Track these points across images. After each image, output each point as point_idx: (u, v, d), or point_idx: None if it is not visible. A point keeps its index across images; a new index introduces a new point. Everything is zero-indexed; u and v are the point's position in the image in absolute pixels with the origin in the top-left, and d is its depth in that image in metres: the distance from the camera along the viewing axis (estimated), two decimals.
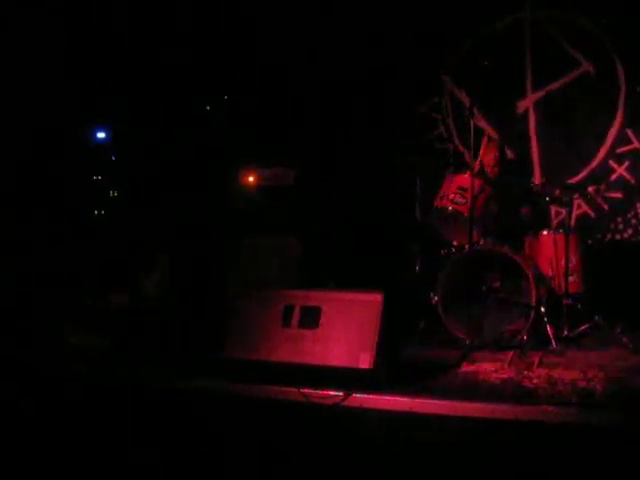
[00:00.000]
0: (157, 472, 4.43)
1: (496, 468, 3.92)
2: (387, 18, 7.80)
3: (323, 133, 7.94)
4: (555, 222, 7.19)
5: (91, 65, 7.80)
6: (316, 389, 4.30)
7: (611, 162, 7.23)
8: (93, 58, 7.74)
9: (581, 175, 7.28)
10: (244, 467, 4.35)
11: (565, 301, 5.79)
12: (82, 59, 7.74)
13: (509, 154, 6.84)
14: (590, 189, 6.99)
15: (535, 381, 4.64)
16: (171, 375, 4.86)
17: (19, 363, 5.22)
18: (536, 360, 5.18)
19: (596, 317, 5.70)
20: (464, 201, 5.84)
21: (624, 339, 5.55)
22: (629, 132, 7.16)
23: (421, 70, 7.78)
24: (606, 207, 7.26)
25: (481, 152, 6.63)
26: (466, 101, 7.58)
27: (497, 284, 5.80)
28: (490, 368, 5.03)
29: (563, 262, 5.85)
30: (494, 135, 7.40)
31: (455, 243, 6.32)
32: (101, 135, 8.26)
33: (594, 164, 7.28)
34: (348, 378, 4.32)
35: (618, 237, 7.22)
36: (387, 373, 4.48)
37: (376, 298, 4.51)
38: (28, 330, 5.96)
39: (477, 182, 5.85)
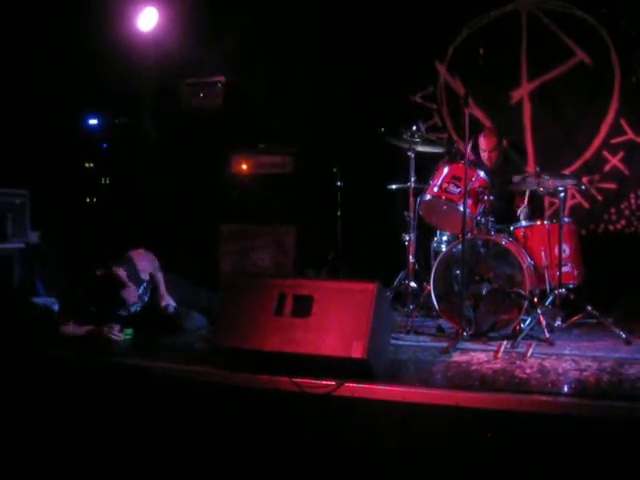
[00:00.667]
0: (146, 460, 4.43)
1: (488, 458, 3.92)
2: (382, 7, 7.77)
3: (320, 122, 7.92)
4: (549, 212, 7.20)
5: (83, 54, 7.76)
6: (308, 378, 4.29)
7: (605, 153, 7.22)
8: (84, 46, 7.69)
9: (575, 165, 7.27)
10: (235, 456, 4.35)
11: (558, 291, 5.79)
12: (71, 47, 7.70)
13: (505, 142, 6.83)
14: (584, 179, 7.00)
15: (527, 371, 4.64)
16: (162, 363, 4.84)
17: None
18: (529, 350, 5.19)
19: (589, 307, 5.70)
20: (458, 190, 5.83)
21: (617, 330, 5.56)
22: (623, 123, 7.14)
23: (416, 59, 7.75)
24: (600, 198, 7.26)
25: (479, 139, 6.64)
26: (461, 90, 7.57)
27: (490, 274, 5.79)
28: (483, 358, 5.04)
29: (557, 252, 5.85)
30: (490, 123, 7.40)
31: (448, 232, 6.32)
32: (93, 122, 8.22)
33: (588, 155, 7.27)
34: (340, 367, 4.31)
35: (611, 228, 7.22)
36: (380, 362, 4.47)
37: (369, 287, 4.49)
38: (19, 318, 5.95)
39: (471, 171, 5.84)
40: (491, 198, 5.92)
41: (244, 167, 8.10)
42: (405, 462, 4.06)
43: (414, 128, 6.40)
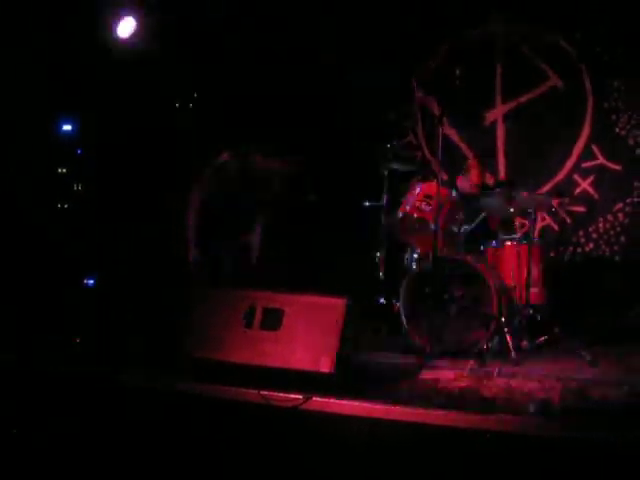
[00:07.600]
0: (113, 470, 4.39)
1: (452, 475, 3.94)
2: (359, 26, 7.81)
3: (293, 135, 7.93)
4: (519, 233, 7.25)
5: (58, 55, 7.70)
6: (276, 391, 4.29)
7: (576, 176, 7.31)
8: (59, 48, 7.64)
9: (546, 187, 7.35)
10: (200, 467, 4.33)
11: (525, 312, 5.84)
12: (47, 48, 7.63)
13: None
14: (554, 202, 7.08)
15: (493, 390, 4.66)
16: (130, 374, 4.81)
17: None
18: (495, 370, 5.22)
19: (555, 329, 5.76)
20: (430, 209, 5.87)
21: (582, 351, 5.61)
22: (594, 147, 7.24)
23: (393, 78, 7.81)
24: (569, 220, 7.34)
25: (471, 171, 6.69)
26: (436, 109, 7.63)
27: (459, 293, 5.83)
28: (450, 376, 5.05)
29: (525, 273, 5.90)
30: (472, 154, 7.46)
31: (419, 250, 6.35)
32: (67, 127, 8.15)
33: (559, 177, 7.36)
34: (308, 381, 4.31)
35: (580, 250, 7.31)
36: (347, 378, 4.48)
37: (339, 302, 4.51)
38: None
39: (443, 190, 5.88)
40: (462, 217, 5.98)
41: None
42: (369, 477, 4.07)
43: (388, 146, 6.44)
